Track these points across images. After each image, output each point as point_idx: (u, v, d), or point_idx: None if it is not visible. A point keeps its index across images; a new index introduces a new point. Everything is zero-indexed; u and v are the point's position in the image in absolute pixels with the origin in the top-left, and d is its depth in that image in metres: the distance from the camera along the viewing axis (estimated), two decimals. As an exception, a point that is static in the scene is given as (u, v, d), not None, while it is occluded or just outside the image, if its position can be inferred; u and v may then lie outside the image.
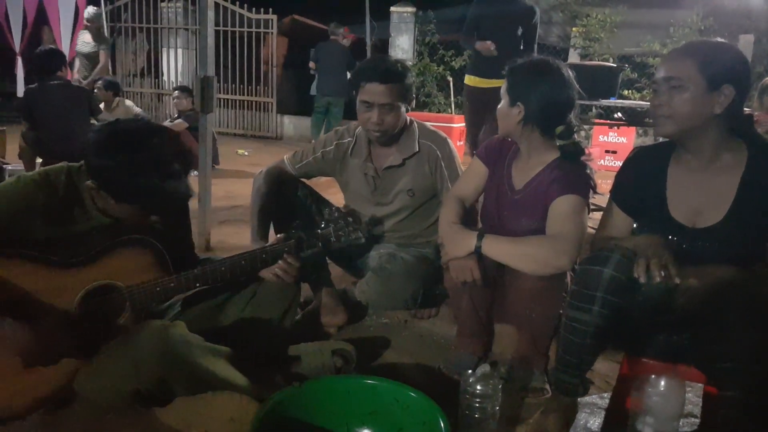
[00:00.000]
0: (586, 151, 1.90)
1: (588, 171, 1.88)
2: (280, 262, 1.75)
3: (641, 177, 1.69)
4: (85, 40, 6.82)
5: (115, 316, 1.63)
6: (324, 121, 7.74)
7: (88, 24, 6.84)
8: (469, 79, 4.73)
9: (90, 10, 6.95)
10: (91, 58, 6.73)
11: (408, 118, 2.43)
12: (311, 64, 7.84)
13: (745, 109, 4.40)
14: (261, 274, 1.78)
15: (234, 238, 3.56)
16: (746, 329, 1.33)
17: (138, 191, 1.56)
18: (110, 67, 9.34)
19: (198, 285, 1.70)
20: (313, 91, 8.03)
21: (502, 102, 1.92)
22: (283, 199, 2.48)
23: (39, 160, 4.50)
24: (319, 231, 1.79)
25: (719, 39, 1.60)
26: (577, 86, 1.87)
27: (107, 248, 1.62)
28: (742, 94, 1.52)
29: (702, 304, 1.41)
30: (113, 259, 1.62)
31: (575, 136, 1.90)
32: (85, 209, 1.65)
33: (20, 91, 7.47)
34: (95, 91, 5.60)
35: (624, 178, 1.75)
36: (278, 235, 1.81)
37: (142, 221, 1.66)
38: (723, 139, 1.55)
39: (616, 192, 1.76)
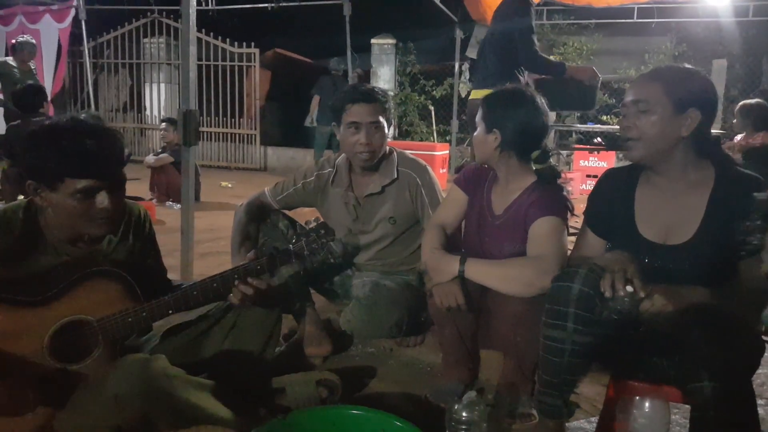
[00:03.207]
0: (562, 175, 1.94)
1: (565, 193, 1.92)
2: (244, 285, 1.68)
3: (610, 199, 1.73)
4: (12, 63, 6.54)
5: (88, 352, 1.59)
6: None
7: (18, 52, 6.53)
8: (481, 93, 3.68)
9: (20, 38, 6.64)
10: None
11: (388, 147, 2.46)
12: (314, 101, 8.05)
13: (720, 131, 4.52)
14: (230, 299, 1.72)
15: (217, 270, 3.53)
16: (716, 348, 1.35)
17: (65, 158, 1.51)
18: (93, 103, 9.41)
19: (171, 312, 1.66)
20: (307, 122, 8.27)
21: (478, 129, 1.96)
22: (264, 231, 2.48)
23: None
24: (291, 246, 1.74)
25: (687, 65, 1.65)
26: (549, 112, 1.93)
27: (73, 283, 1.58)
28: (709, 118, 1.56)
29: (673, 323, 1.43)
30: (80, 294, 1.59)
31: (551, 160, 1.94)
32: (48, 244, 1.63)
33: (1, 128, 7.46)
34: None
35: (594, 200, 1.78)
36: (249, 254, 1.77)
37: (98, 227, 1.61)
38: (690, 160, 1.59)
39: (587, 215, 1.79)
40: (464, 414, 1.49)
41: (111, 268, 1.64)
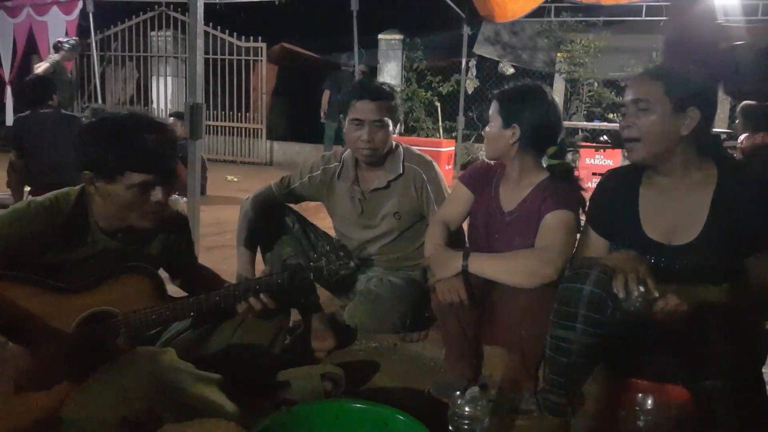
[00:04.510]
0: (575, 172, 1.95)
1: (578, 189, 1.92)
2: (259, 298, 1.72)
3: (613, 199, 1.73)
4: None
5: (109, 343, 1.62)
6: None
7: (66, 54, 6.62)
8: None
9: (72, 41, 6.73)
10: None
11: (394, 142, 2.46)
12: (324, 96, 8.06)
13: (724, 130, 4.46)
14: (238, 309, 1.75)
15: (222, 263, 3.55)
16: (728, 346, 1.34)
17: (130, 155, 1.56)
18: (100, 96, 9.44)
19: (192, 314, 1.71)
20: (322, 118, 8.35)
21: (493, 125, 1.95)
22: (270, 225, 2.49)
23: (27, 189, 4.49)
24: (312, 264, 1.80)
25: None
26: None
27: (107, 275, 1.63)
28: (709, 117, 1.56)
29: (685, 322, 1.42)
30: (112, 286, 1.64)
31: (567, 156, 1.95)
32: (92, 233, 1.67)
33: (9, 120, 7.48)
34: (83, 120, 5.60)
35: (597, 201, 1.78)
36: (266, 267, 1.81)
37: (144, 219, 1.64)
38: (692, 159, 1.59)
39: (590, 216, 1.79)
40: (467, 409, 1.50)
41: (143, 264, 1.68)
